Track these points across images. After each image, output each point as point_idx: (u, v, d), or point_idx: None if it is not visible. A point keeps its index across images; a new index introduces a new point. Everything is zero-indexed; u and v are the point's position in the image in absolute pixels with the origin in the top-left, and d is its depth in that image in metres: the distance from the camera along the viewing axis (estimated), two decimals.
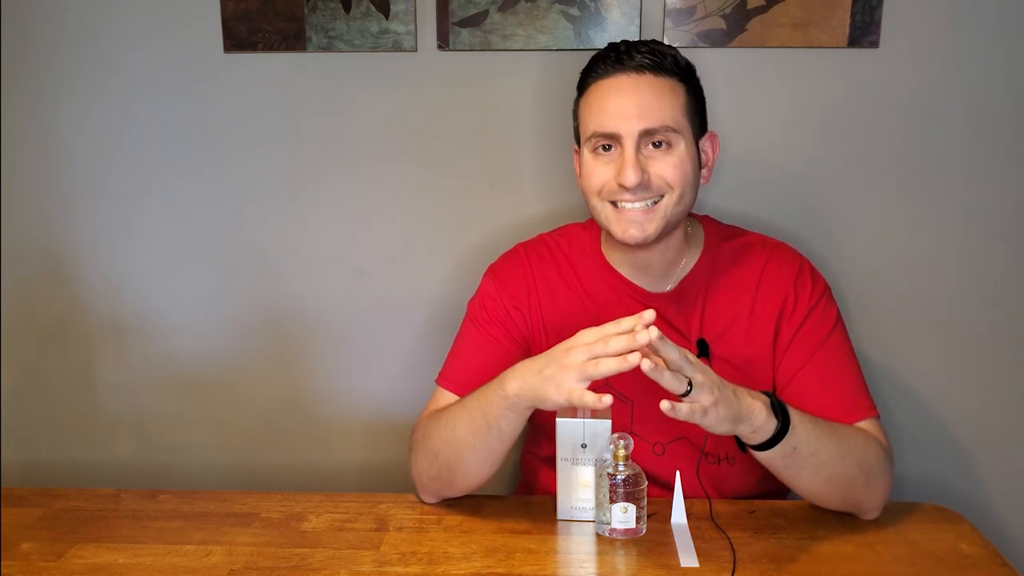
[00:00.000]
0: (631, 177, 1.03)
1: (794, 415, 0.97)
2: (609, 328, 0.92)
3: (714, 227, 1.21)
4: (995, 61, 1.31)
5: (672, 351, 0.89)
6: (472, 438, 1.02)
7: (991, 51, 1.31)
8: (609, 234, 1.11)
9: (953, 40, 1.31)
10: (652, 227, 1.06)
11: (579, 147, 1.15)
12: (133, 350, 1.49)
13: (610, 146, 1.07)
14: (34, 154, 1.44)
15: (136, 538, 1.05)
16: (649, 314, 0.90)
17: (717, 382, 0.92)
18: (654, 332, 0.88)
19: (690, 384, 0.90)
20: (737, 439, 0.98)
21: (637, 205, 1.06)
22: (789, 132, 1.36)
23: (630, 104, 1.05)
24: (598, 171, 1.08)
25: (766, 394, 0.97)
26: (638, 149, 1.05)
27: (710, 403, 0.90)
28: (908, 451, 1.41)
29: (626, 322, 0.91)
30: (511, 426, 1.00)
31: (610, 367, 0.89)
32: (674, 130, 1.05)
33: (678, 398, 0.90)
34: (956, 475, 1.43)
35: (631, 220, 1.06)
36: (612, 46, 1.09)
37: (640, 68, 1.06)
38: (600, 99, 1.08)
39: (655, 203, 1.06)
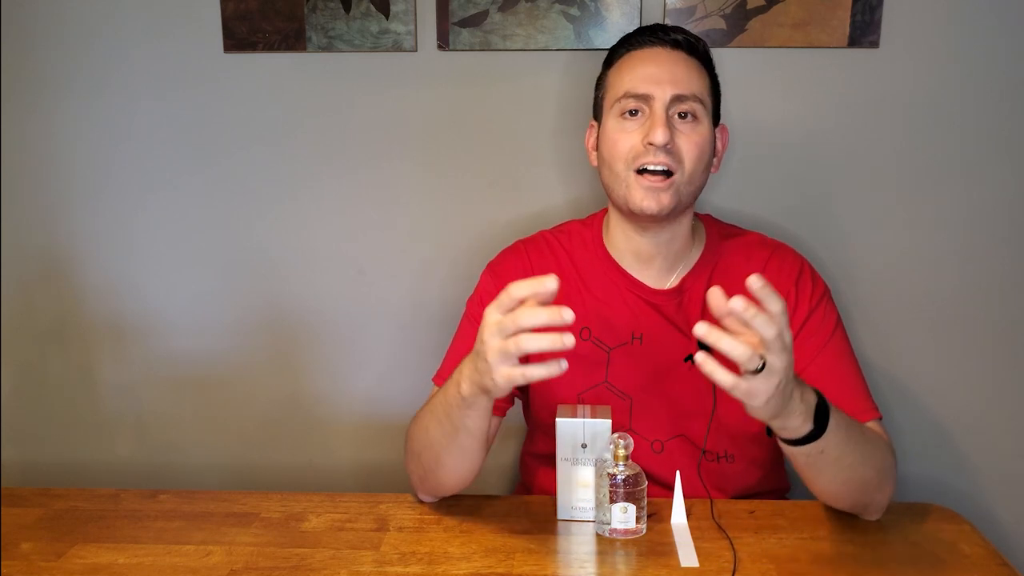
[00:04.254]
0: (660, 136, 1.05)
1: (832, 421, 0.90)
2: (504, 299, 0.85)
3: (715, 225, 1.21)
4: (995, 61, 1.32)
5: (766, 325, 0.79)
6: (444, 440, 1.02)
7: (991, 51, 1.31)
8: (623, 208, 1.11)
9: (953, 40, 1.31)
10: (667, 198, 1.07)
11: (597, 121, 1.16)
12: (133, 350, 1.49)
13: (636, 111, 1.09)
14: (34, 154, 1.44)
15: (136, 538, 1.05)
16: (551, 282, 0.83)
17: (790, 372, 0.83)
18: (568, 314, 0.81)
19: (763, 363, 0.80)
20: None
21: (659, 168, 1.06)
22: (789, 132, 1.36)
23: (664, 70, 1.09)
24: (625, 138, 1.09)
25: (815, 393, 0.91)
26: (667, 114, 1.07)
27: (766, 393, 0.81)
28: (908, 451, 1.41)
29: (518, 289, 0.84)
30: (476, 423, 0.98)
31: (535, 344, 0.83)
32: (701, 102, 1.09)
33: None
34: (956, 475, 1.43)
35: (649, 189, 1.07)
36: (645, 27, 1.14)
37: (676, 44, 1.11)
38: (634, 65, 1.11)
39: (670, 176, 1.07)
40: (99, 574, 0.97)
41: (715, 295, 0.83)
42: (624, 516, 1.00)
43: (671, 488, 1.06)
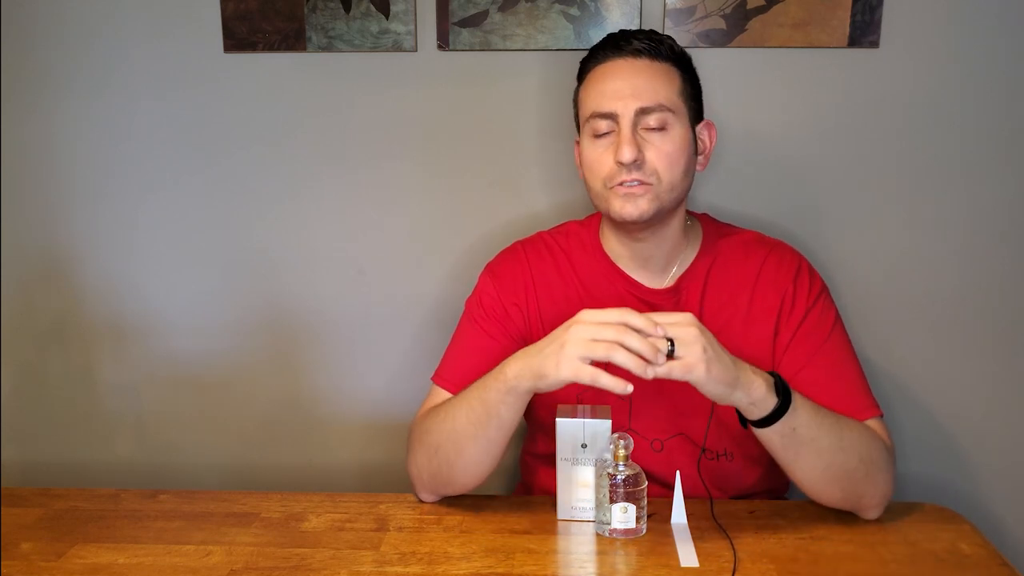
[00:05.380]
0: (627, 153, 1.04)
1: (796, 397, 0.97)
2: (613, 315, 0.92)
3: (712, 224, 1.21)
4: (995, 61, 1.31)
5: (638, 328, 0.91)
6: (472, 428, 1.02)
7: (991, 51, 1.31)
8: (609, 219, 1.12)
9: (953, 40, 1.31)
10: (645, 203, 1.07)
11: (580, 137, 1.16)
12: (133, 350, 1.49)
13: (607, 131, 1.08)
14: (34, 154, 1.44)
15: (136, 538, 1.05)
16: (663, 344, 0.91)
17: (711, 340, 0.92)
18: (662, 352, 0.91)
19: (671, 344, 0.90)
20: (739, 415, 0.99)
21: (634, 183, 1.06)
22: (789, 132, 1.36)
23: (626, 85, 1.07)
24: (600, 158, 1.09)
25: (771, 374, 0.98)
26: (635, 129, 1.06)
27: (697, 359, 0.90)
28: (908, 451, 1.41)
29: (636, 319, 0.91)
30: (510, 412, 1.00)
31: (623, 361, 0.89)
32: (669, 110, 1.07)
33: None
34: (956, 475, 1.43)
35: (627, 196, 1.07)
36: (610, 35, 1.12)
37: (637, 52, 1.09)
38: (598, 82, 1.10)
39: (647, 184, 1.07)
40: (99, 574, 0.97)
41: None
42: (624, 516, 1.00)
43: (671, 487, 1.06)
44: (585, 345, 0.91)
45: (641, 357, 0.89)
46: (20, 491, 1.18)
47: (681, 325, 0.92)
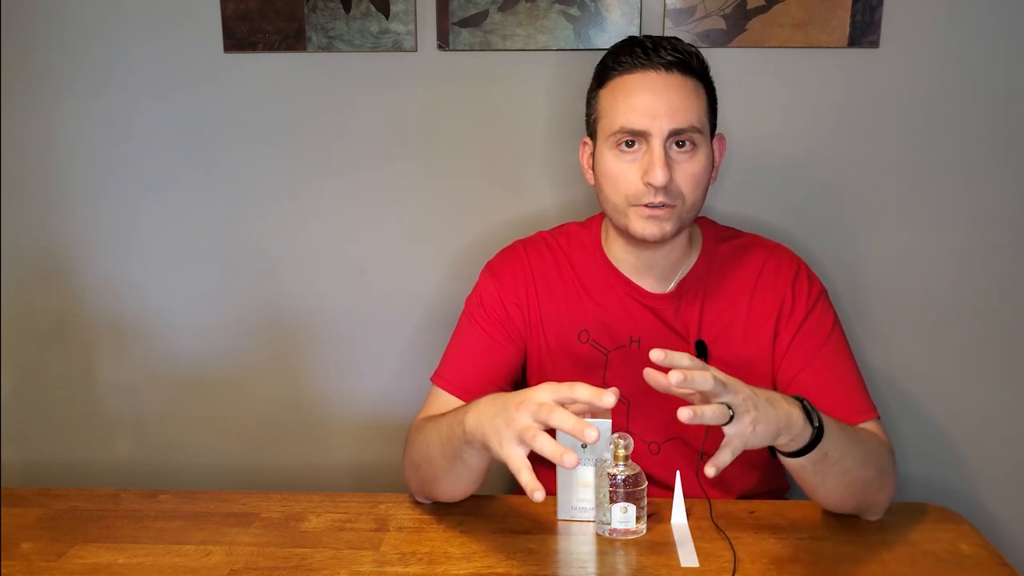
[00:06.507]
0: (660, 176, 1.02)
1: (824, 419, 0.92)
2: (564, 391, 0.85)
3: (711, 228, 1.21)
4: (995, 61, 1.31)
5: (704, 381, 0.82)
6: (443, 462, 1.01)
7: (991, 51, 1.31)
8: (623, 232, 1.10)
9: (953, 40, 1.31)
10: (669, 226, 1.06)
11: (591, 139, 1.13)
12: (133, 350, 1.49)
13: (633, 142, 1.05)
14: (34, 154, 1.44)
15: (136, 538, 1.05)
16: (610, 399, 0.83)
17: (750, 397, 0.86)
18: (609, 399, 0.83)
19: (731, 410, 0.84)
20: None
21: (659, 207, 1.05)
22: (789, 132, 1.36)
23: (660, 102, 1.03)
24: (625, 173, 1.06)
25: (796, 398, 0.92)
26: (665, 148, 1.04)
27: (749, 423, 0.85)
28: (908, 452, 1.41)
29: (582, 391, 0.84)
30: (473, 460, 0.96)
31: (544, 448, 0.82)
32: (699, 131, 1.05)
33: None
34: (956, 475, 1.43)
35: (651, 217, 1.05)
36: (636, 40, 1.08)
37: (669, 66, 1.05)
38: (627, 94, 1.06)
39: (672, 206, 1.05)
40: (99, 574, 0.97)
41: (651, 376, 0.86)
42: (624, 516, 1.00)
43: (668, 489, 1.06)
44: (519, 434, 0.85)
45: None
46: (20, 491, 1.18)
47: (729, 392, 0.84)
